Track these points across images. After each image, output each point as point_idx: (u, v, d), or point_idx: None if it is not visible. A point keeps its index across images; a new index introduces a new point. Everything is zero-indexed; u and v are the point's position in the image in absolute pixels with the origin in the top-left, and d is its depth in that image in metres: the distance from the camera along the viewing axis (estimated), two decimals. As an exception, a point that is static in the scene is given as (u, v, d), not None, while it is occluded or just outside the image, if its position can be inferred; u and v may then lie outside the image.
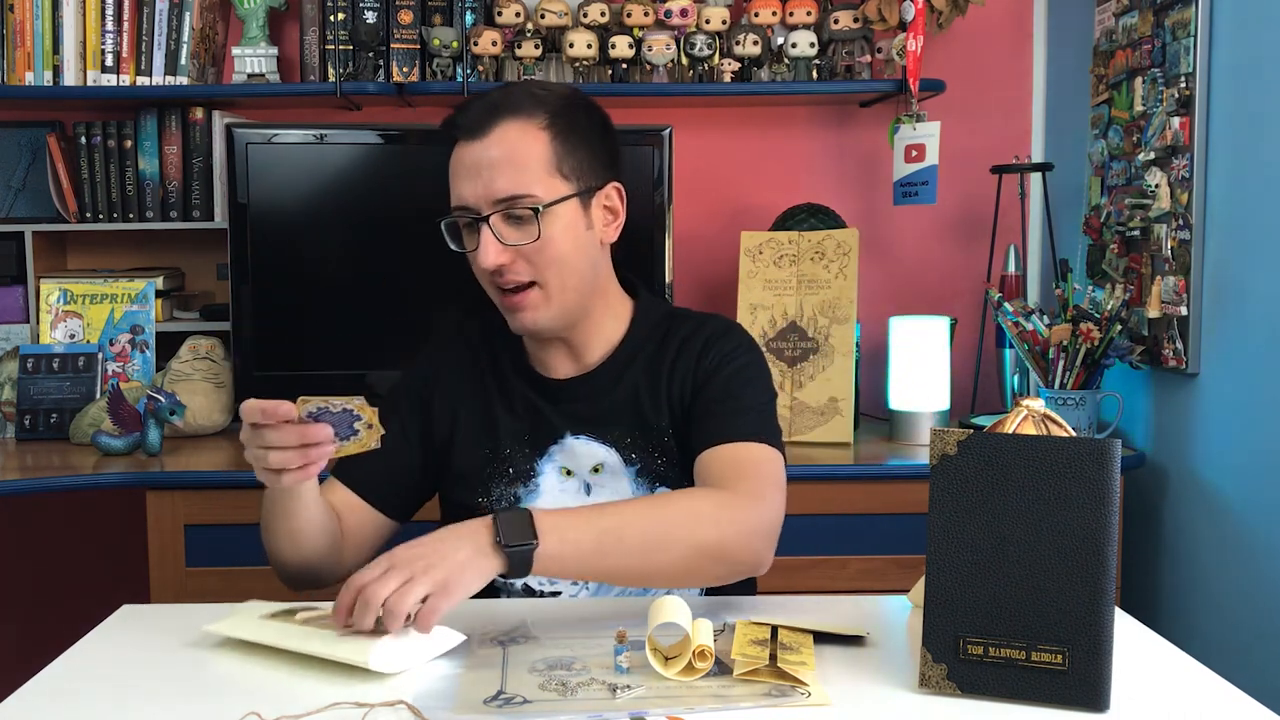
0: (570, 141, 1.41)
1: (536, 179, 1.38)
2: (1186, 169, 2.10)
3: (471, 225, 1.41)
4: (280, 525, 1.37)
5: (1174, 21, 2.13)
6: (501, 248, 1.38)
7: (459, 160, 1.40)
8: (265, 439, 1.23)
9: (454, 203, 1.41)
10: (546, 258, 1.39)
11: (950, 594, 1.08)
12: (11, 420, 2.47)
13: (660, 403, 1.48)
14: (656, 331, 1.52)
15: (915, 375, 2.38)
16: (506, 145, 1.38)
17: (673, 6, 2.52)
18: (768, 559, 1.34)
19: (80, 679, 1.17)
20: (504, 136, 1.38)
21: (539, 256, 1.39)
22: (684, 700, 1.06)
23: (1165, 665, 1.20)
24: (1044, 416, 1.17)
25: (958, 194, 2.70)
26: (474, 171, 1.38)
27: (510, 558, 1.18)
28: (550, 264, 1.40)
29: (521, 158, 1.38)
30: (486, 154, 1.38)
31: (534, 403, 1.50)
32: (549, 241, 1.39)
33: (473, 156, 1.39)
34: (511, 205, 1.37)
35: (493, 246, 1.38)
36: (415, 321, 2.40)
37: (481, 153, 1.38)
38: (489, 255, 1.37)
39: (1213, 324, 2.07)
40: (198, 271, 2.72)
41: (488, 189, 1.37)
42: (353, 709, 1.06)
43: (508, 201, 1.37)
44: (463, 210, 1.40)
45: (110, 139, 2.56)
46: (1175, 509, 2.22)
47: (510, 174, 1.37)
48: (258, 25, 2.57)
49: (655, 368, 1.49)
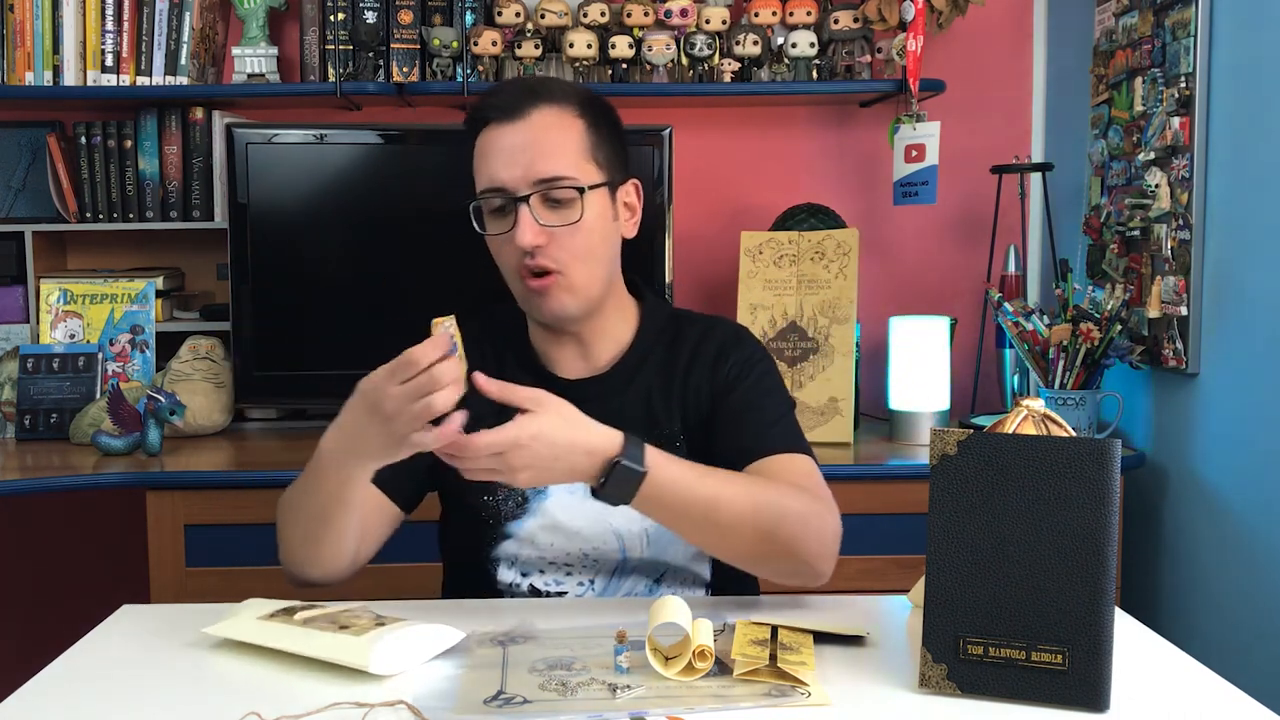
0: (601, 132, 1.43)
1: (575, 163, 1.39)
2: (1186, 169, 2.10)
3: (502, 209, 1.40)
4: (338, 521, 1.33)
5: (1174, 21, 2.13)
6: (539, 228, 1.37)
7: (493, 142, 1.39)
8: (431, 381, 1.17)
9: (485, 185, 1.40)
10: (579, 243, 1.39)
11: (950, 594, 1.08)
12: (11, 420, 2.47)
13: (672, 407, 1.48)
14: (664, 334, 1.52)
15: (915, 375, 2.38)
16: (546, 128, 1.39)
17: (673, 6, 2.52)
18: (829, 571, 1.37)
19: (80, 679, 1.17)
20: (543, 119, 1.39)
21: (572, 241, 1.39)
22: (684, 700, 1.06)
23: (1165, 665, 1.20)
24: (1044, 416, 1.17)
25: (958, 194, 2.70)
26: (512, 152, 1.38)
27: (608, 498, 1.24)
28: (581, 250, 1.40)
29: (561, 141, 1.39)
30: (526, 135, 1.38)
31: None
32: (583, 227, 1.39)
33: (510, 138, 1.38)
34: (552, 186, 1.37)
35: (531, 226, 1.37)
36: (415, 321, 2.39)
37: (521, 134, 1.38)
38: (527, 234, 1.37)
39: (1213, 324, 2.07)
40: (198, 271, 2.71)
41: (527, 170, 1.37)
42: (353, 709, 1.06)
43: (549, 182, 1.38)
44: (496, 192, 1.39)
45: (110, 139, 2.56)
46: (1175, 509, 2.22)
47: (551, 156, 1.38)
48: (258, 25, 2.57)
49: (668, 371, 1.49)
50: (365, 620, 1.21)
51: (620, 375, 1.49)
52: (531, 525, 1.45)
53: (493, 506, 1.46)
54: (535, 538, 1.45)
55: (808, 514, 1.33)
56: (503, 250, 1.42)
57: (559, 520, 1.45)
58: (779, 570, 1.36)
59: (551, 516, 1.45)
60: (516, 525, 1.46)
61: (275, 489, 2.09)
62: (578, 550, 1.45)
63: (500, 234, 1.40)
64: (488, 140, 1.40)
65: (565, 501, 1.45)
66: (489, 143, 1.40)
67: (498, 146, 1.39)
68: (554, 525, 1.45)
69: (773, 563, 1.35)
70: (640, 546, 1.45)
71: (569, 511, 1.45)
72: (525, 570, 1.47)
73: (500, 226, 1.40)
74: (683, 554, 1.46)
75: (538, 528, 1.45)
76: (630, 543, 1.45)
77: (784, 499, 1.33)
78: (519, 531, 1.46)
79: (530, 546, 1.46)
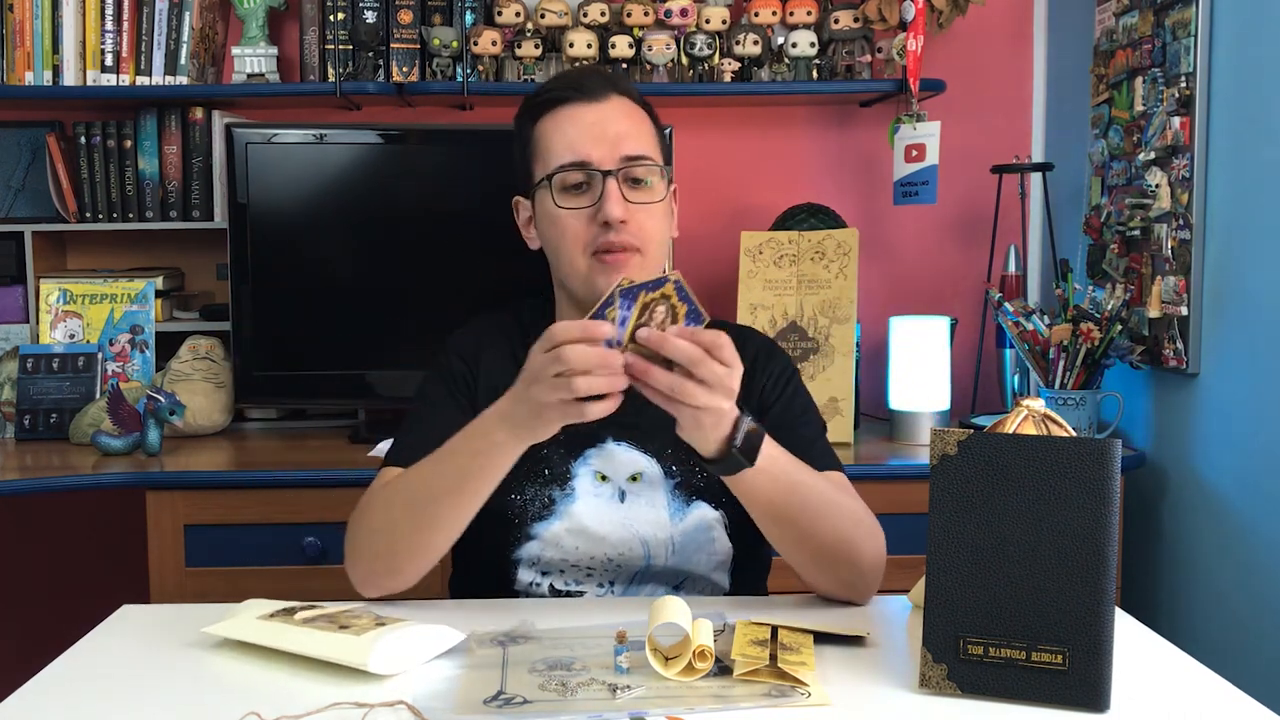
0: (659, 130, 1.49)
1: (652, 149, 1.44)
2: (1186, 169, 2.10)
3: (577, 186, 1.41)
4: (465, 499, 1.29)
5: (1174, 21, 2.13)
6: (625, 203, 1.39)
7: (576, 119, 1.42)
8: (569, 360, 1.14)
9: (567, 159, 1.41)
10: (654, 226, 1.42)
11: (950, 594, 1.08)
12: (11, 420, 2.47)
13: None
14: None
15: (915, 375, 2.38)
16: (627, 113, 1.44)
17: (673, 6, 2.52)
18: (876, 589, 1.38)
19: (80, 679, 1.17)
20: (623, 106, 1.45)
21: (650, 221, 1.42)
22: (684, 700, 1.06)
23: (1165, 665, 1.20)
24: (1044, 416, 1.17)
25: (958, 194, 2.70)
26: (599, 130, 1.41)
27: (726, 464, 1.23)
28: (655, 232, 1.43)
29: (640, 126, 1.45)
30: (611, 114, 1.42)
31: None
32: (658, 210, 1.43)
33: (596, 116, 1.42)
34: (638, 163, 1.41)
35: (620, 200, 1.39)
36: (415, 321, 2.40)
37: (607, 113, 1.42)
38: (616, 207, 1.38)
39: (1213, 324, 2.07)
40: (198, 271, 2.71)
41: (614, 146, 1.40)
42: (353, 709, 1.06)
43: (635, 160, 1.41)
44: (579, 166, 1.40)
45: (110, 139, 2.56)
46: (1175, 509, 2.22)
47: (636, 136, 1.43)
48: (257, 25, 2.56)
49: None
50: (365, 620, 1.21)
51: None
52: (558, 528, 1.43)
53: (519, 506, 1.44)
54: (560, 540, 1.43)
55: (873, 528, 1.36)
56: (571, 226, 1.41)
57: (586, 525, 1.43)
58: (839, 578, 1.35)
59: (578, 520, 1.43)
60: (542, 526, 1.44)
61: (275, 489, 2.13)
62: (602, 555, 1.43)
63: (577, 208, 1.41)
64: (566, 117, 1.43)
65: (593, 505, 1.43)
66: (568, 119, 1.42)
67: (584, 122, 1.42)
68: (580, 529, 1.43)
69: (838, 569, 1.34)
70: (665, 554, 1.43)
71: (597, 516, 1.43)
72: (546, 570, 1.45)
73: (574, 202, 1.41)
74: (705, 563, 1.45)
75: (564, 530, 1.43)
76: (655, 550, 1.43)
77: (856, 506, 1.36)
78: (544, 533, 1.44)
79: (554, 549, 1.44)
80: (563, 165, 1.41)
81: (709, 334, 1.17)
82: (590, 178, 1.40)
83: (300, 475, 2.13)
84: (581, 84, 1.44)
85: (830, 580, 1.36)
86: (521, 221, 1.52)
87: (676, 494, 1.45)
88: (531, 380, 1.18)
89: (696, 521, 1.44)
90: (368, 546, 1.36)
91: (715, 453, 1.23)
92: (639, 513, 1.43)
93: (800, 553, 1.34)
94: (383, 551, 1.35)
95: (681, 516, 1.44)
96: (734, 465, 1.24)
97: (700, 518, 1.44)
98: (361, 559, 1.37)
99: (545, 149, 1.43)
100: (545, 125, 1.44)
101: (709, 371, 1.16)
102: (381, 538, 1.35)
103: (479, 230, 2.35)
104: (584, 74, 1.48)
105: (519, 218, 1.52)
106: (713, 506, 1.44)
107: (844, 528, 1.32)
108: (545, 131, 1.44)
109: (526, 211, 1.51)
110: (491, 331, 1.53)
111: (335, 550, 2.12)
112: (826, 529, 1.31)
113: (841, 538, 1.32)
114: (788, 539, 1.33)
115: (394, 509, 1.34)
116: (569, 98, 1.43)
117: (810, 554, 1.34)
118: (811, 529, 1.31)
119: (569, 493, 1.44)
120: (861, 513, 1.37)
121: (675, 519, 1.44)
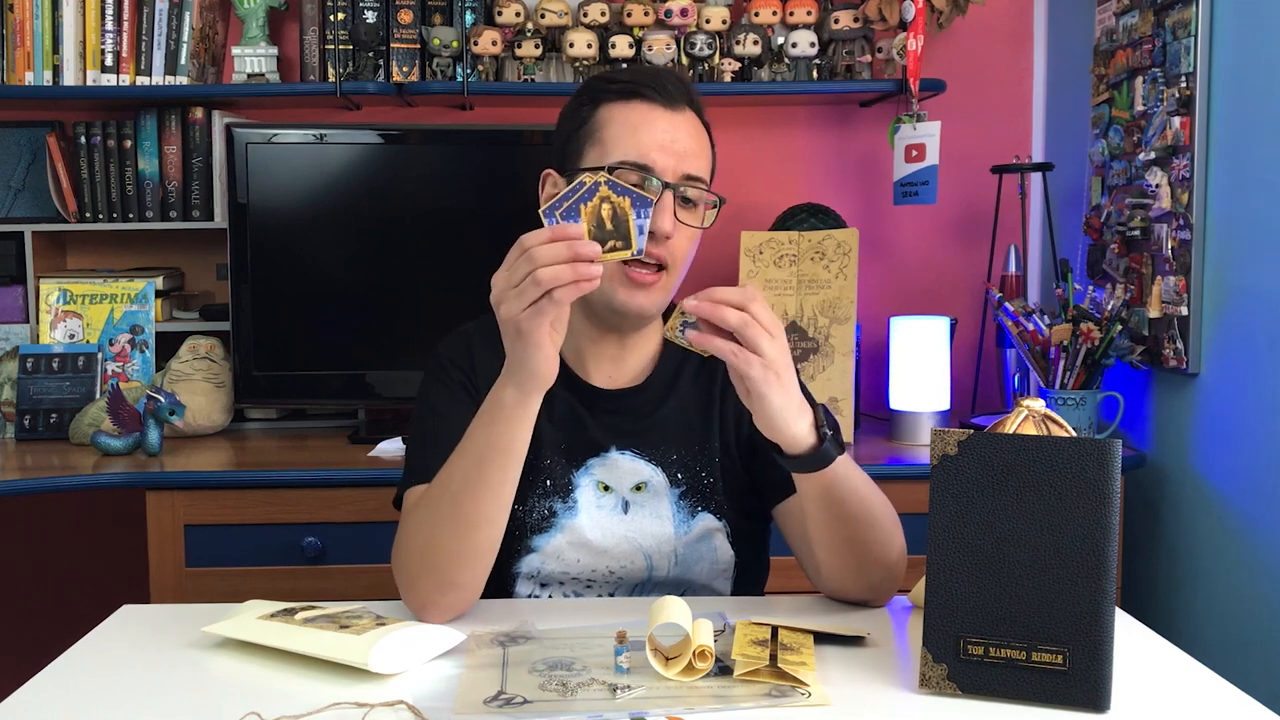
0: (714, 156, 1.45)
1: (708, 174, 1.42)
2: (1186, 169, 2.10)
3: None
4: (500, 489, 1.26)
5: (1174, 21, 2.13)
6: (675, 221, 1.37)
7: (649, 121, 1.37)
8: (535, 257, 1.13)
9: (631, 158, 1.35)
10: (686, 248, 1.40)
11: (950, 594, 1.08)
12: (11, 420, 2.47)
13: (712, 422, 1.45)
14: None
15: (915, 375, 2.38)
16: (698, 132, 1.41)
17: (673, 6, 2.52)
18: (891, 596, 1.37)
19: (80, 679, 1.17)
20: (694, 123, 1.41)
21: (685, 244, 1.39)
22: (684, 700, 1.06)
23: (1165, 665, 1.20)
24: (1044, 416, 1.17)
25: (958, 194, 2.70)
26: (669, 138, 1.36)
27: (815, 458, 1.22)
28: (683, 255, 1.40)
29: (704, 149, 1.42)
30: (684, 129, 1.38)
31: (575, 410, 1.43)
32: (696, 236, 1.40)
33: (669, 124, 1.37)
34: (695, 184, 1.38)
35: (671, 215, 1.36)
36: (415, 321, 2.40)
37: (679, 125, 1.38)
38: (668, 220, 1.35)
39: (1213, 324, 2.07)
40: (197, 271, 2.72)
41: (680, 162, 1.37)
42: (353, 709, 1.06)
43: (696, 180, 1.38)
44: (641, 169, 1.35)
45: (110, 139, 2.56)
46: (1175, 509, 2.22)
47: (699, 157, 1.39)
48: (258, 25, 2.56)
49: (705, 384, 1.46)
50: (365, 620, 1.21)
51: (658, 386, 1.46)
52: (559, 541, 1.41)
53: (519, 517, 1.40)
54: (561, 553, 1.41)
55: (900, 534, 1.35)
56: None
57: (588, 538, 1.40)
58: (870, 580, 1.34)
59: (580, 534, 1.40)
60: (543, 539, 1.41)
61: (275, 489, 2.13)
62: (604, 568, 1.41)
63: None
64: (639, 114, 1.37)
65: (595, 518, 1.41)
66: (641, 117, 1.37)
67: (656, 127, 1.36)
68: (582, 543, 1.41)
69: (875, 571, 1.33)
70: (668, 566, 1.42)
71: (599, 530, 1.40)
72: (545, 583, 1.42)
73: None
74: (708, 573, 1.43)
75: (565, 544, 1.41)
76: (659, 562, 1.41)
77: (891, 511, 1.34)
78: (544, 546, 1.41)
79: (555, 561, 1.41)
80: (625, 162, 1.35)
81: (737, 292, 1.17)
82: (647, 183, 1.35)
83: (300, 475, 2.13)
84: (663, 85, 1.38)
85: (861, 584, 1.34)
86: (545, 196, 1.44)
87: (681, 504, 1.42)
88: (501, 299, 1.17)
89: (701, 531, 1.42)
90: (416, 568, 1.28)
91: (805, 446, 1.22)
92: (643, 525, 1.41)
93: (849, 555, 1.31)
94: (430, 567, 1.28)
95: (688, 528, 1.42)
96: (823, 458, 1.23)
97: (705, 528, 1.42)
98: (414, 585, 1.29)
99: (609, 137, 1.37)
100: (613, 113, 1.38)
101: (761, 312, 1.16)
102: (426, 555, 1.28)
103: (479, 230, 2.35)
104: (664, 76, 1.40)
105: (544, 191, 1.44)
106: (716, 516, 1.43)
107: (888, 529, 1.32)
108: (612, 119, 1.37)
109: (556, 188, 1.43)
110: (478, 333, 1.48)
111: (335, 550, 2.12)
112: (877, 531, 1.30)
113: (884, 541, 1.31)
114: (839, 540, 1.30)
115: (431, 522, 1.28)
116: (646, 95, 1.37)
117: (858, 557, 1.31)
118: (869, 527, 1.30)
119: (572, 505, 1.41)
120: (893, 513, 1.35)
121: (680, 530, 1.41)
